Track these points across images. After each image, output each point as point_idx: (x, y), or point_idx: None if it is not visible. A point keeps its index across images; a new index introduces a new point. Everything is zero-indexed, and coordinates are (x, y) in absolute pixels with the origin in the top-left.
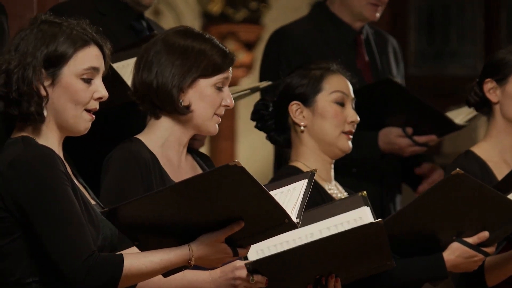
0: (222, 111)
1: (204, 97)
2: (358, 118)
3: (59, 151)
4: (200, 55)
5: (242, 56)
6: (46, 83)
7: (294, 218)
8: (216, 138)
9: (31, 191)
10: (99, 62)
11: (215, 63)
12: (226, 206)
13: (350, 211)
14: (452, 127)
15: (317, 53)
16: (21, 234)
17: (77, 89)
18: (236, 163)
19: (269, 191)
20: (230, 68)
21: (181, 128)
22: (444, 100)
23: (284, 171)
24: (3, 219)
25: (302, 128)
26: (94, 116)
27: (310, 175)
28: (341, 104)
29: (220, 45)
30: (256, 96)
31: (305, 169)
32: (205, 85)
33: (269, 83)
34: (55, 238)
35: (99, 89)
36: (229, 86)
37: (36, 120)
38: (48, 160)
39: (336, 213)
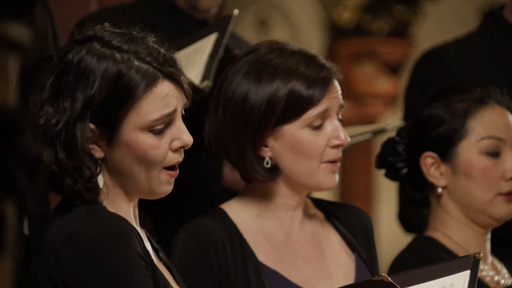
0: (333, 155)
1: (296, 147)
2: None
3: (133, 217)
4: (273, 91)
5: (383, 84)
6: (101, 143)
7: None
8: (347, 197)
9: (94, 282)
10: (175, 102)
11: (298, 98)
12: None
13: None
14: None
15: (482, 81)
16: None
17: (145, 147)
18: (383, 278)
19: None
20: (336, 87)
21: (281, 191)
22: None
23: (418, 246)
24: None
25: (440, 190)
26: (176, 173)
27: (473, 262)
28: (495, 154)
29: (306, 64)
30: None
31: (447, 242)
32: (292, 130)
33: (400, 123)
34: None
35: (180, 136)
36: (345, 123)
37: (85, 199)
38: (119, 237)
39: None
